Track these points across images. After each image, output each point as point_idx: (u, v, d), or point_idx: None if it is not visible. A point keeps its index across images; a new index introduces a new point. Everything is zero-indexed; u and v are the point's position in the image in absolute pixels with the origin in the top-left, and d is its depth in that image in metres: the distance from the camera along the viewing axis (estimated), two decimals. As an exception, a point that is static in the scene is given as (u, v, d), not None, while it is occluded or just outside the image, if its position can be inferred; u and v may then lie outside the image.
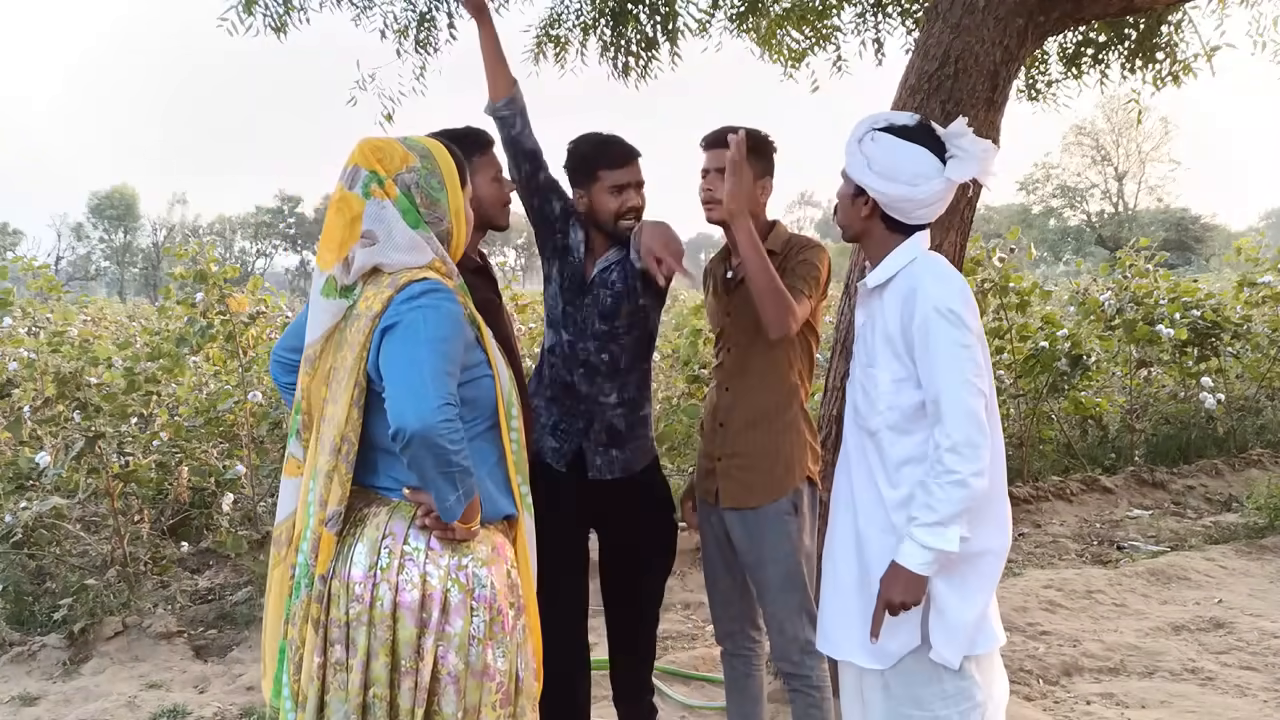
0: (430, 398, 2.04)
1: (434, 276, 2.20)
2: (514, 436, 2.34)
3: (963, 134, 2.49)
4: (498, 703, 2.17)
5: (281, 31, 4.97)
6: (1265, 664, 4.58)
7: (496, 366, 2.30)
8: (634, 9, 5.35)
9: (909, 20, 5.62)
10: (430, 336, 2.10)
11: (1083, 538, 6.99)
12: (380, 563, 2.15)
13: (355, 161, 2.25)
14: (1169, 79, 5.69)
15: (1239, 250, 10.79)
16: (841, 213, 2.61)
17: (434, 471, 2.06)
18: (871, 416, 2.52)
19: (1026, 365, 8.04)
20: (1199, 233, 52.48)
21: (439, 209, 2.28)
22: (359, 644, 2.12)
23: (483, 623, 2.17)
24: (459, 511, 2.12)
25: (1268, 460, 8.63)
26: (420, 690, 2.11)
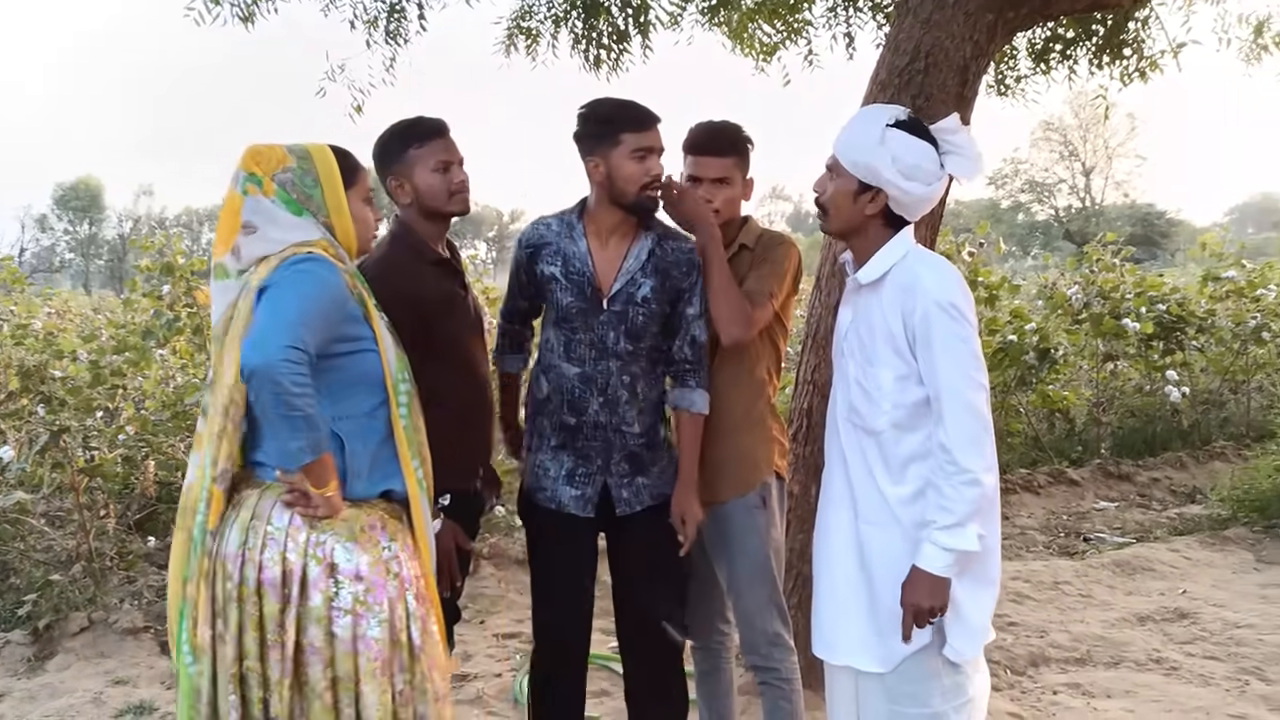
0: (278, 337, 2.17)
1: (318, 251, 2.37)
2: (403, 414, 2.44)
3: (956, 130, 2.46)
4: (377, 670, 2.29)
5: (249, 22, 4.91)
6: (1228, 654, 4.65)
7: (383, 343, 2.42)
8: (606, 1, 5.34)
9: (880, 15, 5.63)
10: (294, 294, 2.26)
11: (1050, 530, 7.06)
12: (248, 542, 2.29)
13: (239, 164, 2.46)
14: (1136, 75, 5.74)
15: (1204, 245, 10.92)
16: (839, 209, 2.50)
17: (274, 412, 2.18)
18: (875, 416, 2.46)
19: (995, 359, 8.11)
20: (1164, 228, 52.99)
21: (314, 204, 2.46)
22: (231, 619, 2.27)
23: (349, 595, 2.29)
24: (302, 460, 2.23)
25: (1231, 453, 8.76)
26: (286, 661, 2.25)
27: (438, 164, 2.88)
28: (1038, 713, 4.07)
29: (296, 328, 2.20)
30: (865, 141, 2.44)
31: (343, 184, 2.49)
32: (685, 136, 3.09)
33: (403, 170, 2.89)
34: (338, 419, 2.37)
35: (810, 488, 3.65)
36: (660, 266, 2.92)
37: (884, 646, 2.45)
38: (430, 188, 2.88)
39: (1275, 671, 4.42)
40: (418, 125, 2.92)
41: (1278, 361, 9.71)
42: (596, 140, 2.84)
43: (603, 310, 2.89)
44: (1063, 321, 9.05)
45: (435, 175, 2.88)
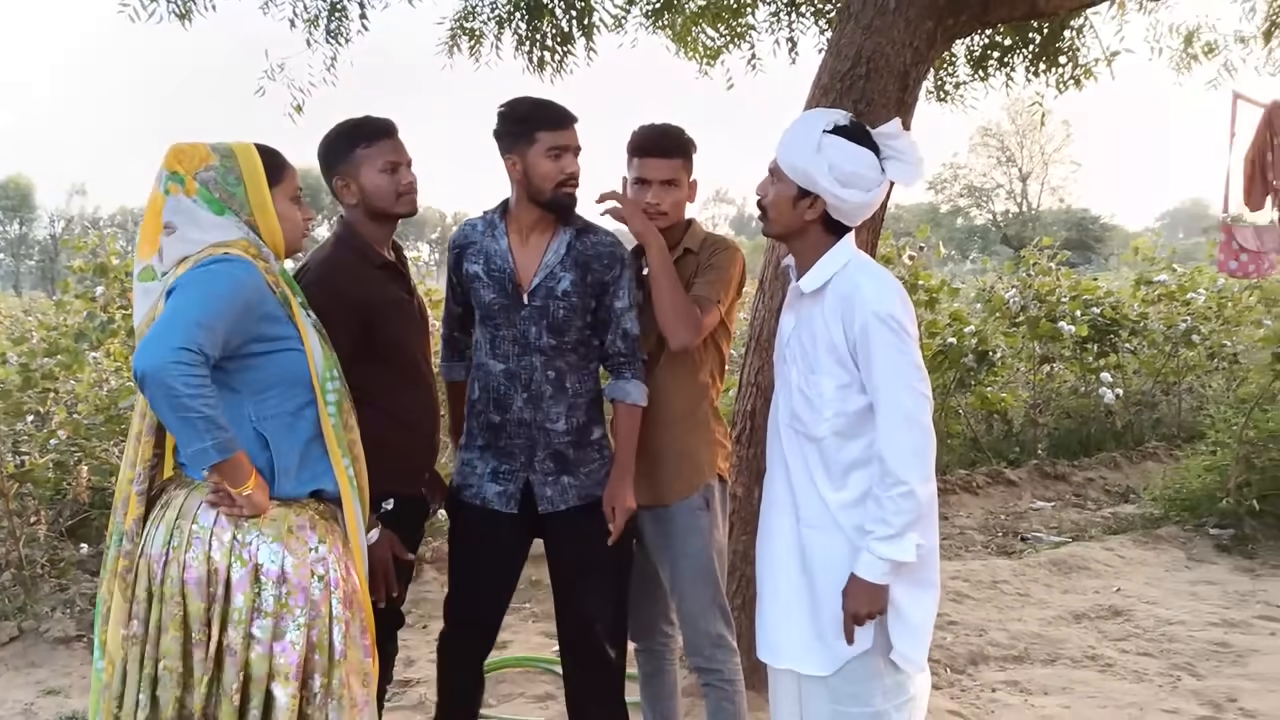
0: (169, 340, 2.13)
1: (236, 252, 2.33)
2: (331, 413, 2.42)
3: (897, 135, 2.46)
4: (291, 673, 2.27)
5: (186, 18, 4.83)
6: (1160, 650, 4.75)
7: (309, 343, 2.40)
8: (550, 3, 5.32)
9: (822, 20, 5.68)
10: (196, 294, 2.22)
11: (988, 529, 7.17)
12: (173, 542, 2.28)
13: (161, 164, 2.43)
14: (1071, 82, 5.86)
15: (1136, 250, 11.16)
16: (779, 214, 2.50)
17: (171, 415, 2.15)
18: (816, 424, 2.46)
19: (935, 361, 8.21)
20: (1098, 232, 54.12)
21: (236, 202, 2.42)
22: (151, 619, 2.26)
23: (271, 596, 2.28)
24: (207, 461, 2.20)
25: (1163, 453, 8.95)
26: (209, 660, 2.24)
27: (385, 164, 2.85)
28: (977, 710, 4.13)
29: (191, 329, 2.16)
30: (803, 148, 2.43)
31: (268, 182, 2.45)
32: (630, 139, 3.08)
33: (349, 170, 2.85)
34: (261, 418, 2.35)
35: (753, 490, 3.67)
36: (580, 260, 2.92)
37: (826, 650, 2.46)
38: (377, 188, 2.85)
39: (1206, 667, 4.53)
40: (365, 125, 2.88)
41: (1207, 364, 9.95)
42: (514, 139, 2.86)
43: (524, 305, 2.90)
44: (1001, 324, 9.19)
45: (383, 176, 2.85)
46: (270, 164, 2.47)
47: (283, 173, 2.50)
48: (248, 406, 2.33)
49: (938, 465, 7.99)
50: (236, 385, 2.32)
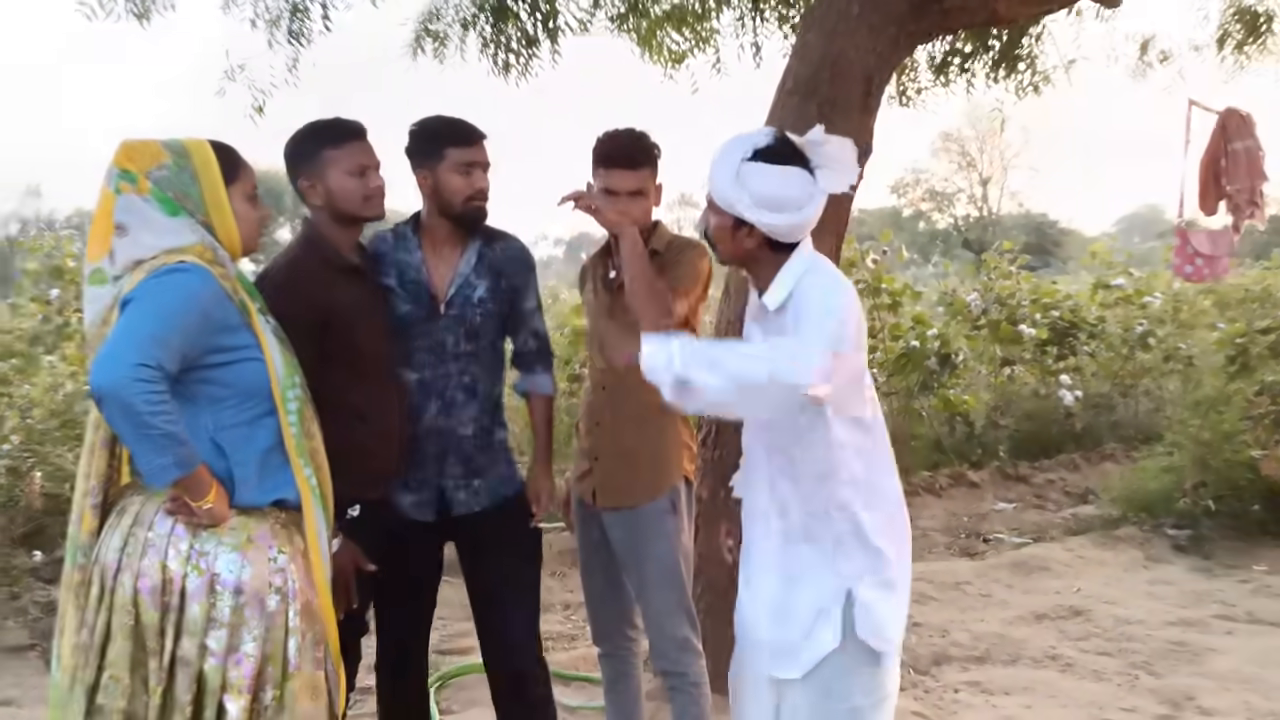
0: (126, 357, 2.09)
1: (191, 259, 2.27)
2: (292, 421, 2.37)
3: (823, 141, 2.36)
4: (244, 686, 2.23)
5: (144, 18, 4.77)
6: (1119, 649, 4.81)
7: (269, 351, 2.35)
8: (515, 6, 5.31)
9: (786, 25, 5.71)
10: (153, 308, 2.18)
11: (951, 531, 7.23)
12: (127, 549, 2.23)
13: (112, 161, 2.36)
14: (1030, 88, 5.93)
15: (1094, 254, 11.33)
16: (722, 245, 2.45)
17: (130, 433, 2.12)
18: (783, 434, 2.45)
19: (898, 364, 8.27)
20: (1057, 237, 54.63)
21: (191, 202, 2.36)
22: (99, 627, 2.21)
23: (228, 607, 2.23)
24: (168, 477, 2.16)
25: (1120, 454, 9.05)
26: (162, 670, 2.19)
27: (354, 167, 2.82)
28: (940, 710, 4.16)
29: (148, 344, 2.12)
30: (724, 179, 2.36)
31: (223, 181, 2.39)
32: (595, 148, 3.05)
33: (316, 171, 2.82)
34: (219, 428, 2.30)
35: (718, 492, 3.67)
36: (493, 266, 3.02)
37: (799, 652, 2.45)
38: (344, 191, 2.82)
39: (1163, 666, 4.59)
40: (335, 126, 2.86)
41: (1164, 366, 10.08)
42: (424, 155, 2.96)
43: (440, 316, 2.98)
44: (962, 327, 9.28)
45: (351, 179, 2.82)
46: (225, 161, 2.41)
47: (239, 170, 2.44)
48: (205, 417, 2.29)
49: (901, 467, 8.09)
50: (194, 396, 2.27)
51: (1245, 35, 6.09)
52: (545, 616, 5.24)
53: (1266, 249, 21.68)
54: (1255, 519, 6.64)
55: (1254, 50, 6.16)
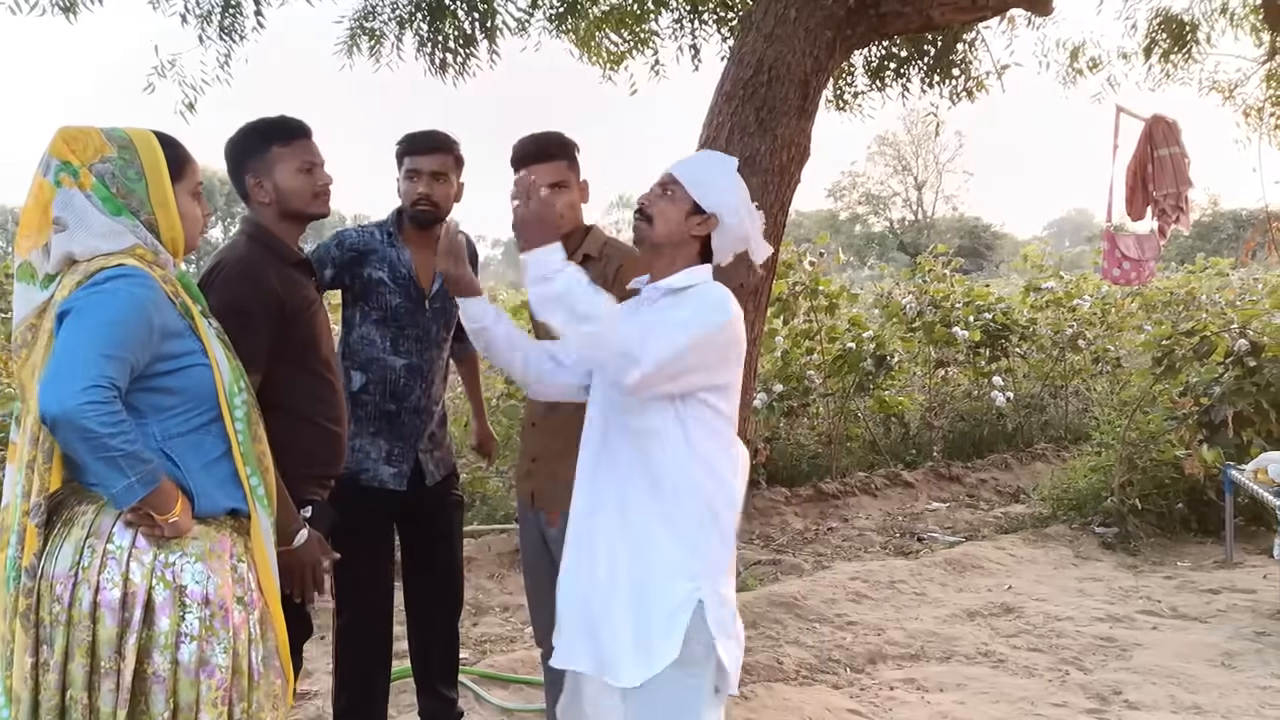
0: (74, 380, 1.99)
1: (131, 263, 2.17)
2: (239, 428, 2.29)
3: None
4: (218, 699, 2.15)
5: (71, 12, 4.66)
6: (1050, 645, 4.90)
7: (214, 356, 2.26)
8: (452, 5, 5.27)
9: (724, 28, 5.75)
10: (97, 320, 2.06)
11: (886, 530, 7.31)
12: (83, 561, 2.11)
13: (50, 150, 2.22)
14: (964, 94, 6.03)
15: (1025, 258, 11.54)
16: (667, 222, 2.45)
17: (89, 457, 2.03)
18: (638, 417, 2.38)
19: (835, 366, 8.35)
20: (990, 240, 55.65)
21: (135, 199, 2.24)
22: (57, 644, 2.08)
23: (196, 619, 2.15)
24: (134, 497, 2.07)
25: (1051, 454, 9.24)
26: (122, 691, 2.07)
27: (302, 164, 2.82)
28: (875, 708, 4.20)
29: (96, 362, 2.01)
30: (719, 173, 2.50)
31: (170, 176, 2.28)
32: (510, 155, 3.05)
33: (262, 168, 2.80)
34: (167, 437, 2.20)
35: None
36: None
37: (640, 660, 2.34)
38: (293, 189, 2.81)
39: (1092, 661, 4.68)
40: (283, 124, 2.84)
41: (1092, 368, 10.31)
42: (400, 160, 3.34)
43: (426, 308, 3.34)
44: (898, 329, 9.39)
45: (300, 176, 2.81)
46: (172, 156, 2.30)
47: (185, 166, 2.33)
48: (152, 426, 2.19)
49: (838, 468, 8.21)
50: (139, 405, 2.16)
51: (1171, 44, 6.25)
52: (483, 619, 5.23)
53: (1191, 253, 22.30)
54: (1179, 517, 6.82)
55: (1179, 59, 6.33)
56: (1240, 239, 33.40)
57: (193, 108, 5.08)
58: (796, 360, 8.23)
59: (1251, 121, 6.96)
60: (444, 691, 3.60)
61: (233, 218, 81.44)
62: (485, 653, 4.78)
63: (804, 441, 8.43)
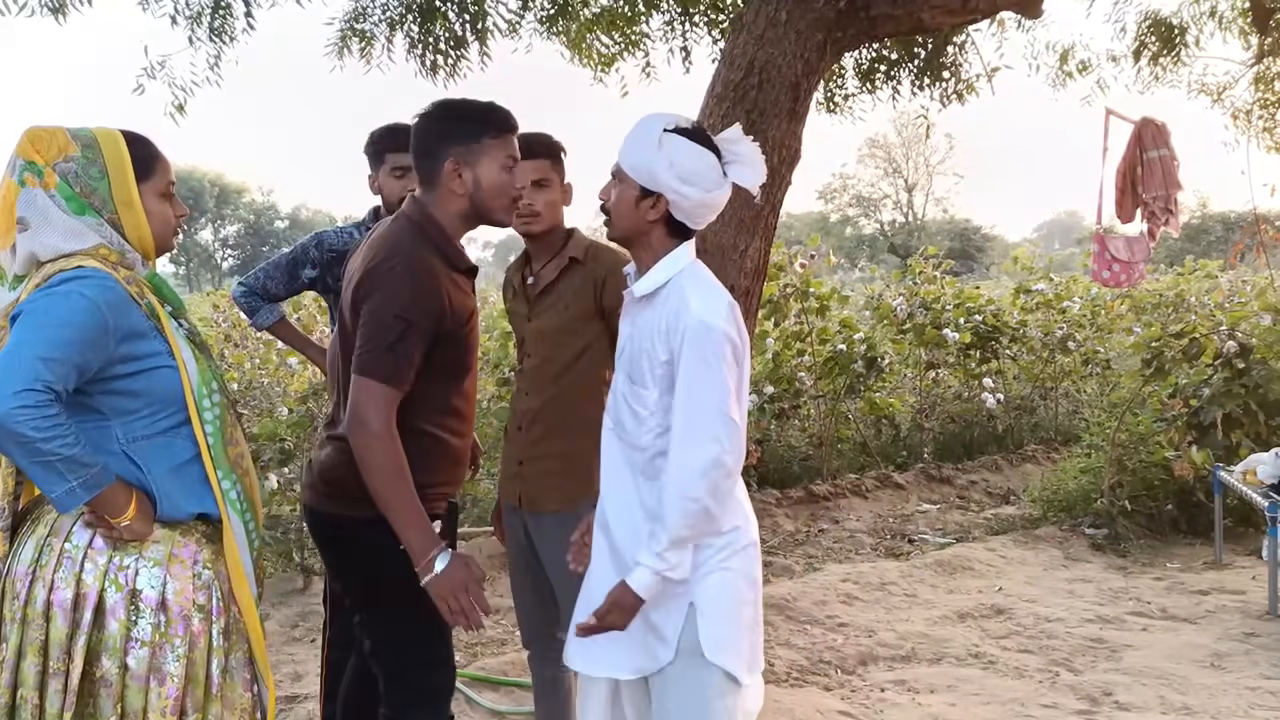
0: (9, 383, 1.95)
1: (92, 264, 2.14)
2: (209, 430, 2.24)
3: (738, 140, 2.45)
4: (168, 708, 2.12)
5: (60, 13, 4.65)
6: (1040, 646, 4.91)
7: (182, 358, 2.22)
8: (442, 6, 5.27)
9: (715, 30, 5.75)
10: (43, 323, 2.03)
11: (877, 532, 7.32)
12: (41, 559, 2.11)
13: (16, 150, 2.21)
14: (954, 96, 6.04)
15: (1016, 260, 11.55)
16: (621, 215, 2.45)
17: (26, 462, 2.00)
18: (640, 434, 2.43)
19: (825, 367, 8.35)
20: (980, 242, 55.79)
21: (98, 198, 2.21)
22: (10, 642, 2.09)
23: (149, 625, 2.12)
24: (75, 502, 2.04)
25: (1041, 456, 9.25)
26: (69, 693, 2.06)
27: (507, 162, 2.56)
28: (867, 710, 4.20)
29: (33, 365, 1.97)
30: (644, 146, 2.41)
31: (136, 176, 2.24)
32: None
33: (469, 156, 2.51)
34: (130, 440, 2.17)
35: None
36: None
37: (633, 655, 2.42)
38: (496, 186, 2.54)
39: (1082, 662, 4.69)
40: (498, 114, 2.57)
41: (1082, 369, 10.33)
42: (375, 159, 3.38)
43: None
44: (889, 331, 9.40)
45: (504, 174, 2.55)
46: (139, 155, 2.25)
47: (154, 165, 2.28)
48: (115, 429, 2.16)
49: (829, 470, 8.20)
50: (101, 408, 2.14)
51: (1160, 47, 6.28)
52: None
53: (1180, 255, 22.39)
54: (1168, 518, 6.84)
55: (1168, 62, 6.35)
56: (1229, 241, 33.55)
57: (182, 109, 5.07)
58: (787, 362, 8.24)
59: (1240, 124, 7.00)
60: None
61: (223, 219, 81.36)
62: (475, 655, 4.77)
63: (795, 443, 8.44)
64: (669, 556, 2.29)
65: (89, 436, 2.09)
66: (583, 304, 3.03)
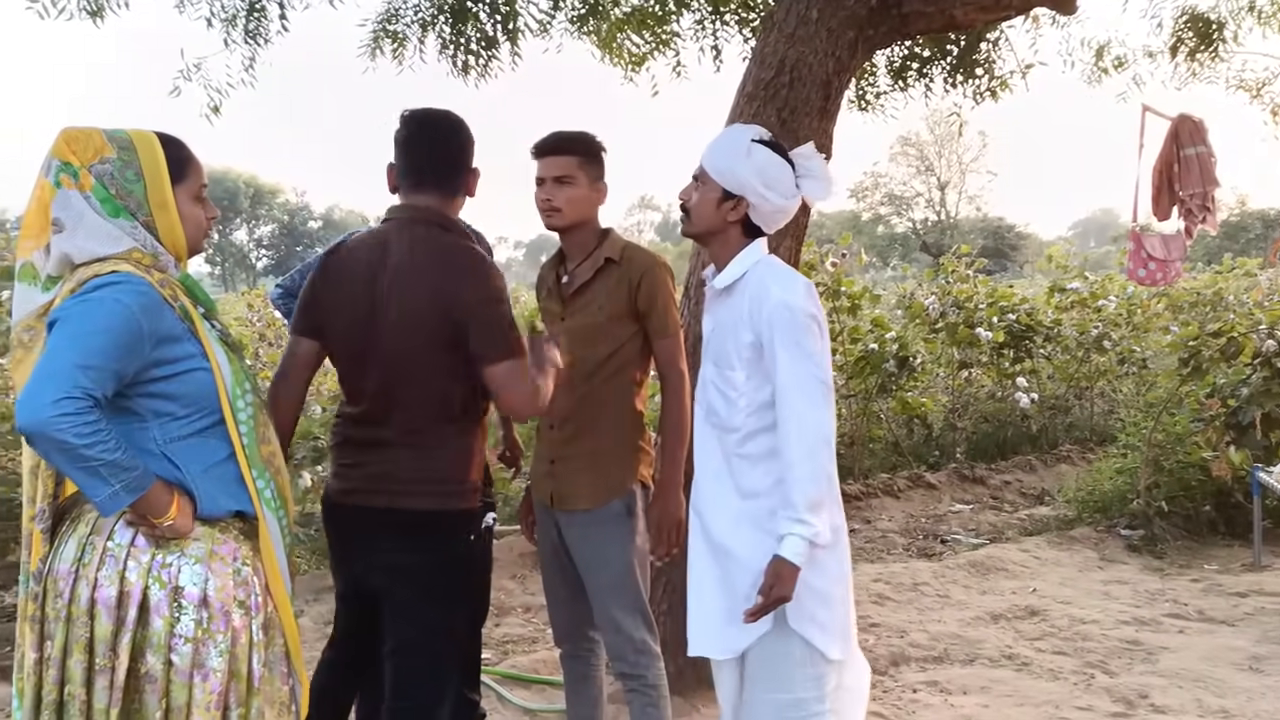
0: (46, 393, 1.97)
1: (126, 268, 2.15)
2: (244, 430, 2.27)
3: (811, 155, 2.64)
4: (211, 703, 2.15)
5: (98, 16, 4.70)
6: (1075, 648, 4.86)
7: (215, 359, 2.25)
8: (474, 7, 5.29)
9: (746, 29, 5.73)
10: (80, 330, 2.05)
11: (909, 532, 7.28)
12: (83, 558, 2.13)
13: (52, 151, 2.22)
14: (987, 94, 5.99)
15: (1050, 258, 11.45)
16: (702, 215, 2.64)
17: (70, 468, 2.02)
18: (732, 415, 2.59)
19: (857, 366, 8.32)
20: (1014, 241, 55.39)
21: (134, 201, 2.22)
22: (57, 640, 2.11)
23: (192, 621, 2.15)
24: (118, 505, 2.06)
25: (1076, 456, 9.17)
26: (115, 689, 2.08)
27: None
28: (898, 710, 4.18)
29: (72, 373, 1.99)
30: (733, 152, 2.61)
31: (170, 178, 2.26)
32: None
33: None
34: (168, 441, 2.20)
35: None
36: None
37: (732, 634, 2.57)
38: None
39: (1118, 665, 4.65)
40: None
41: (1118, 369, 10.23)
42: None
43: None
44: (921, 330, 9.35)
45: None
46: (174, 158, 2.27)
47: (187, 167, 2.31)
48: (153, 430, 2.19)
49: (860, 469, 8.17)
50: (139, 410, 2.17)
51: (1197, 43, 6.19)
52: (505, 619, 5.24)
53: (1218, 253, 22.09)
54: (1206, 519, 6.76)
55: (1206, 58, 6.27)
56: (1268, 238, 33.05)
57: (218, 110, 5.12)
58: (819, 361, 8.19)
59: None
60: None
61: (258, 219, 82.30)
62: (507, 653, 4.79)
63: (826, 443, 8.40)
64: (810, 519, 2.44)
65: (128, 438, 2.11)
66: (616, 305, 3.04)
